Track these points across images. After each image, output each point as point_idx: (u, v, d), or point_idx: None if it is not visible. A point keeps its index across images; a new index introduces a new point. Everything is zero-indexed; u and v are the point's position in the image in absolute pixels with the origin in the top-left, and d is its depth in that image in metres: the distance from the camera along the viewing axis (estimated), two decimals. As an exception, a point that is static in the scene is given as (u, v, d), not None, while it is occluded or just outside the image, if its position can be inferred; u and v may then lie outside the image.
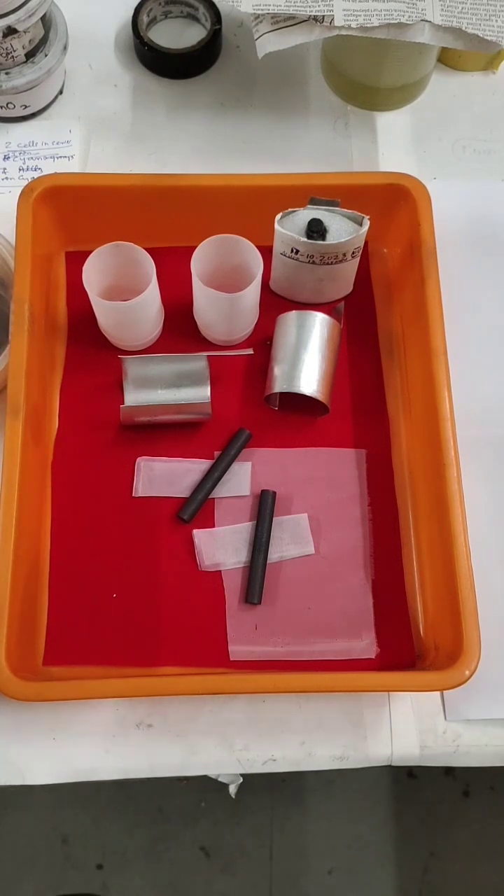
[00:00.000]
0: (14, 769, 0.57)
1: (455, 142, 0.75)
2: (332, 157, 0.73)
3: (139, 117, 0.75)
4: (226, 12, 0.75)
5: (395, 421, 0.65)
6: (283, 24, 0.63)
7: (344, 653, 0.59)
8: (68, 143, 0.73)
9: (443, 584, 0.56)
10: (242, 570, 0.60)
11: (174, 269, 0.62)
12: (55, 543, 0.61)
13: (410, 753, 0.58)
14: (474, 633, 0.53)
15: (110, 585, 0.60)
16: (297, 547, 0.61)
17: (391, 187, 0.63)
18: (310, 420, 0.64)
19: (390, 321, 0.68)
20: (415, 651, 0.59)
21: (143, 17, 0.75)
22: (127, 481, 0.62)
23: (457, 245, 0.69)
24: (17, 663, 0.53)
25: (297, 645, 0.59)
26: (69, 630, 0.59)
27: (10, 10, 0.63)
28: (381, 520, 0.62)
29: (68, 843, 1.21)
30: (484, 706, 0.59)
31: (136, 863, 1.20)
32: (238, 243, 0.59)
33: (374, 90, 0.73)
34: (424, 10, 0.62)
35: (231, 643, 0.59)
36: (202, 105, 0.75)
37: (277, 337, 0.63)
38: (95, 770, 0.58)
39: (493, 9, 0.63)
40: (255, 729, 0.58)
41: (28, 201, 0.61)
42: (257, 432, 0.63)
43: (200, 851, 1.21)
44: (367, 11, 0.62)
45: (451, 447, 0.57)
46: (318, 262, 0.62)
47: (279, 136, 0.74)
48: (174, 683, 0.55)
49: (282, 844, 1.21)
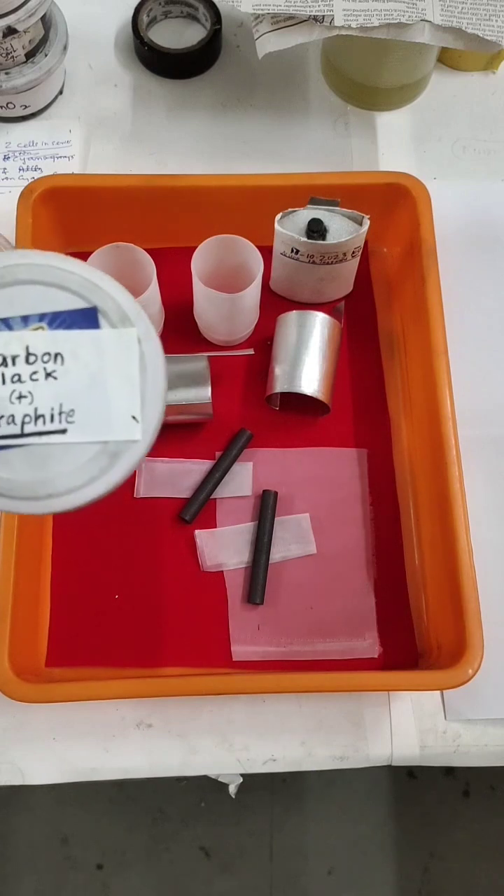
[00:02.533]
0: (14, 769, 0.57)
1: (455, 142, 0.75)
2: (332, 157, 0.73)
3: (139, 117, 0.75)
4: (226, 12, 0.75)
5: (396, 420, 0.65)
6: (283, 24, 0.63)
7: (346, 652, 0.59)
8: (68, 143, 0.73)
9: (445, 583, 0.56)
10: (244, 571, 0.60)
11: (174, 269, 0.62)
12: (57, 545, 0.61)
13: (410, 753, 0.58)
14: (477, 632, 0.53)
15: (112, 586, 0.60)
16: (298, 547, 0.61)
17: (391, 187, 0.64)
18: (311, 420, 0.64)
19: (390, 321, 0.68)
20: (417, 650, 0.59)
21: (143, 17, 0.75)
22: (128, 482, 0.62)
23: (457, 245, 0.69)
24: (19, 665, 0.53)
25: (300, 645, 0.59)
26: (71, 631, 0.59)
27: (10, 10, 0.63)
28: (382, 519, 0.62)
29: (68, 843, 1.21)
30: (484, 706, 0.59)
31: (136, 863, 1.20)
32: (238, 243, 0.59)
33: (374, 90, 0.73)
34: (424, 10, 0.62)
35: (234, 643, 0.59)
36: (202, 105, 0.75)
37: (278, 337, 0.63)
38: (95, 770, 0.58)
39: (493, 9, 0.63)
40: (255, 729, 0.58)
41: (28, 202, 0.61)
42: (258, 432, 0.63)
43: (200, 851, 1.21)
44: (367, 11, 0.62)
45: (452, 446, 0.57)
46: (319, 261, 0.62)
47: (279, 136, 0.74)
48: (176, 684, 0.55)
49: (282, 844, 1.21)
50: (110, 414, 0.33)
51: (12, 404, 0.33)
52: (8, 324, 0.33)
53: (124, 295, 0.34)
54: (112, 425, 0.33)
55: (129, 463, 0.33)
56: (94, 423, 0.33)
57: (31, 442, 0.33)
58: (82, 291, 0.33)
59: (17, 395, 0.33)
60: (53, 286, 0.33)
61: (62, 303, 0.33)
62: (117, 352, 0.33)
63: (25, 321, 0.33)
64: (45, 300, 0.33)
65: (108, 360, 0.33)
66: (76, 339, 0.33)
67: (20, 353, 0.33)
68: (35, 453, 0.33)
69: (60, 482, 0.33)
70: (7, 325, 0.33)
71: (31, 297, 0.33)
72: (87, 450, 0.33)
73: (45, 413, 0.33)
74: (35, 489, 0.33)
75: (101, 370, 0.33)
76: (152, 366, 0.33)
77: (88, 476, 0.33)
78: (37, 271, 0.33)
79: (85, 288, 0.34)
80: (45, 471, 0.33)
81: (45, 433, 0.33)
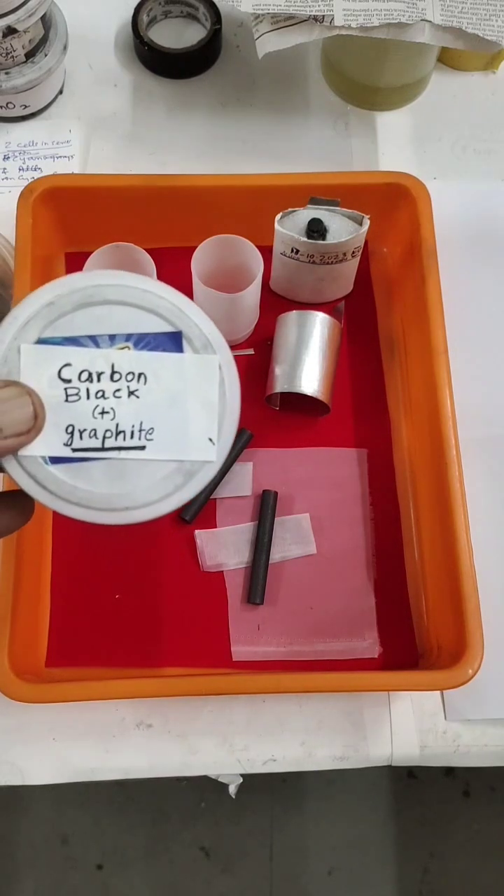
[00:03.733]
0: (14, 769, 0.57)
1: (455, 142, 0.75)
2: (332, 157, 0.73)
3: (139, 117, 0.75)
4: (226, 12, 0.75)
5: (396, 420, 0.65)
6: (283, 24, 0.62)
7: (346, 652, 0.59)
8: (68, 143, 0.73)
9: (445, 583, 0.56)
10: (244, 571, 0.60)
11: (174, 269, 0.62)
12: (57, 545, 0.61)
13: (410, 753, 0.58)
14: (477, 632, 0.53)
15: (112, 586, 0.60)
16: (298, 547, 0.61)
17: (391, 187, 0.63)
18: (311, 420, 0.64)
19: (390, 321, 0.68)
20: (417, 650, 0.59)
21: (143, 16, 0.75)
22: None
23: (457, 245, 0.69)
24: (19, 665, 0.53)
25: (300, 645, 0.59)
26: (71, 631, 0.59)
27: (10, 10, 0.63)
28: (382, 519, 0.62)
29: (68, 843, 1.21)
30: (484, 706, 0.59)
31: (136, 863, 1.20)
32: (238, 243, 0.59)
33: (374, 90, 0.73)
34: (424, 9, 0.62)
35: (234, 643, 0.59)
36: (202, 105, 0.75)
37: (278, 337, 0.63)
38: (95, 770, 0.58)
39: (493, 9, 0.63)
40: (255, 729, 0.58)
41: (28, 202, 0.61)
42: (258, 432, 0.63)
43: (200, 851, 1.21)
44: (367, 11, 0.62)
45: (453, 446, 0.57)
46: (318, 261, 0.62)
47: (279, 136, 0.74)
48: (176, 684, 0.55)
49: (282, 844, 1.21)
50: (188, 435, 0.34)
51: (95, 419, 0.34)
52: (95, 341, 0.34)
53: (208, 322, 0.36)
54: (189, 445, 0.34)
55: (202, 481, 0.35)
56: (171, 442, 0.34)
57: (111, 456, 0.34)
58: (169, 316, 0.35)
59: (100, 411, 0.34)
60: (142, 308, 0.35)
61: (149, 325, 0.35)
62: (198, 376, 0.35)
63: (112, 340, 0.34)
64: (132, 321, 0.35)
65: (190, 383, 0.35)
66: (160, 361, 0.35)
67: (105, 371, 0.34)
68: (114, 467, 0.34)
69: (138, 496, 0.34)
70: (95, 342, 0.34)
71: (119, 318, 0.34)
72: (163, 467, 0.34)
73: (125, 429, 0.34)
74: (113, 501, 0.34)
75: (182, 392, 0.35)
76: (230, 392, 0.35)
77: (164, 491, 0.34)
78: (126, 293, 0.35)
79: (172, 313, 0.35)
80: (124, 484, 0.34)
81: (124, 448, 0.34)
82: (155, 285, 0.35)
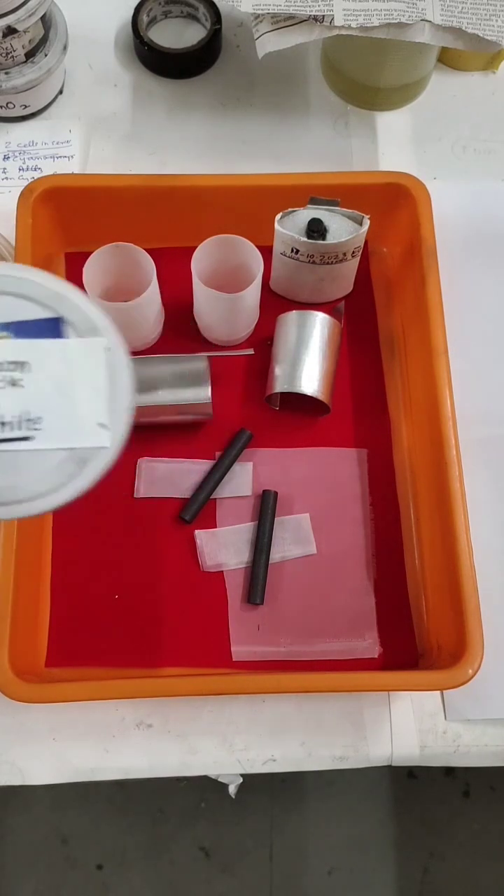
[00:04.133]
0: (14, 769, 0.57)
1: (455, 142, 0.75)
2: (332, 157, 0.73)
3: (139, 117, 0.75)
4: (226, 12, 0.75)
5: (396, 420, 0.65)
6: (283, 24, 0.62)
7: (346, 652, 0.59)
8: (68, 142, 0.73)
9: (445, 583, 0.56)
10: (244, 571, 0.60)
11: (174, 269, 0.62)
12: (57, 545, 0.61)
13: (410, 753, 0.58)
14: (477, 632, 0.53)
15: (112, 587, 0.60)
16: (298, 547, 0.61)
17: (391, 187, 0.64)
18: (311, 420, 0.64)
19: (390, 321, 0.68)
20: (417, 650, 0.59)
21: (143, 16, 0.75)
22: (128, 482, 0.62)
23: (457, 245, 0.69)
24: (19, 665, 0.53)
25: (300, 645, 0.59)
26: (71, 631, 0.59)
27: (10, 10, 0.63)
28: (382, 519, 0.62)
29: (68, 843, 1.21)
30: (484, 706, 0.59)
31: (136, 863, 1.20)
32: (238, 243, 0.59)
33: (374, 90, 0.73)
34: (424, 9, 0.62)
35: (234, 644, 0.59)
36: (202, 105, 0.75)
37: (278, 337, 0.63)
38: (95, 770, 0.58)
39: (493, 9, 0.63)
40: (255, 729, 0.58)
41: (28, 202, 0.61)
42: (258, 432, 0.63)
43: (200, 851, 1.21)
44: (367, 11, 0.62)
45: (453, 446, 0.57)
46: (318, 261, 0.62)
47: (279, 136, 0.74)
48: (176, 684, 0.55)
49: (282, 845, 1.21)
50: (77, 421, 0.34)
51: None
52: None
53: (91, 306, 0.35)
54: (79, 432, 0.34)
55: (96, 469, 0.34)
56: (60, 430, 0.33)
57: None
58: (47, 302, 0.34)
59: None
60: (18, 296, 0.34)
61: (27, 312, 0.34)
62: (84, 361, 0.34)
63: None
64: (9, 310, 0.34)
65: (75, 368, 0.34)
66: (42, 348, 0.34)
67: None
68: (1, 460, 0.33)
69: (28, 488, 0.33)
70: None
71: None
72: (53, 456, 0.33)
73: (10, 420, 0.33)
74: (2, 494, 0.33)
75: (68, 378, 0.34)
76: (120, 374, 0.34)
77: (56, 482, 0.33)
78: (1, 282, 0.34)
79: (51, 299, 0.34)
80: (12, 477, 0.33)
81: (10, 440, 0.33)
82: (32, 273, 0.34)
